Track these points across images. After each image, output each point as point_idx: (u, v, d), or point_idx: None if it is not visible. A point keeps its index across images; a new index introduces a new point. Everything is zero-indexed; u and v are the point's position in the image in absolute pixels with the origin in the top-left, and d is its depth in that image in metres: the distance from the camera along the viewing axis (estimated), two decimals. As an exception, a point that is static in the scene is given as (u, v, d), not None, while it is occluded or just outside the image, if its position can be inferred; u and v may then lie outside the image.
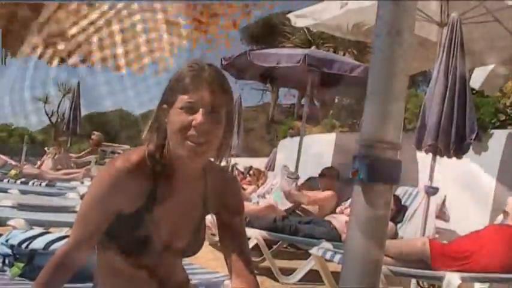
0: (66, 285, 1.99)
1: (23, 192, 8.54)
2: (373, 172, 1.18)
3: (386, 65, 1.19)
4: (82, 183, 10.79)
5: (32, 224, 4.72)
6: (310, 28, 12.07)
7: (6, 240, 3.48)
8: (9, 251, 3.41)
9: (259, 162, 13.66)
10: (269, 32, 22.46)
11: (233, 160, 12.77)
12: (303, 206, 7.19)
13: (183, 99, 1.88)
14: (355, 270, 1.21)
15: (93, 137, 13.67)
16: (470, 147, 5.85)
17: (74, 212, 5.71)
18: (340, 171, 7.68)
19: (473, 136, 5.57)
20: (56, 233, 3.87)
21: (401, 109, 1.20)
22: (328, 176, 7.58)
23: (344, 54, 14.27)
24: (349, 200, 7.49)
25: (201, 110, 1.86)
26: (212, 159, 2.07)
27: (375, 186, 1.18)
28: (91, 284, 2.13)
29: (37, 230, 3.67)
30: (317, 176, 7.97)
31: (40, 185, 10.35)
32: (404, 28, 1.20)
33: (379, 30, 1.22)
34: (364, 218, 1.17)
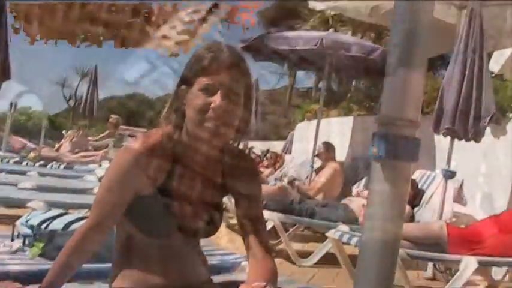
0: (85, 265, 2.01)
1: (42, 174, 8.64)
2: (393, 149, 1.17)
3: (406, 41, 1.19)
4: (100, 165, 10.87)
5: (50, 205, 4.76)
6: (327, 11, 12.03)
7: (27, 221, 3.52)
8: (29, 232, 3.45)
9: (276, 145, 13.67)
10: (287, 14, 22.37)
11: (250, 143, 12.81)
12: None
13: (201, 80, 1.89)
14: (373, 250, 1.21)
15: (110, 120, 13.71)
16: (489, 131, 5.82)
17: (92, 194, 5.77)
18: (359, 152, 7.72)
19: (488, 119, 5.52)
20: (75, 213, 3.91)
21: (421, 88, 1.19)
22: (325, 150, 7.71)
23: (362, 37, 14.17)
24: (363, 181, 7.53)
25: (219, 92, 1.87)
26: (231, 141, 2.07)
27: (394, 164, 1.18)
28: (110, 265, 2.14)
29: (56, 211, 3.70)
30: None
31: (58, 167, 10.46)
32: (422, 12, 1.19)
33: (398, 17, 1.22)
34: (384, 195, 1.17)
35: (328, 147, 7.89)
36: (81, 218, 3.45)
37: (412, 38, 1.17)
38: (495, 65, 9.58)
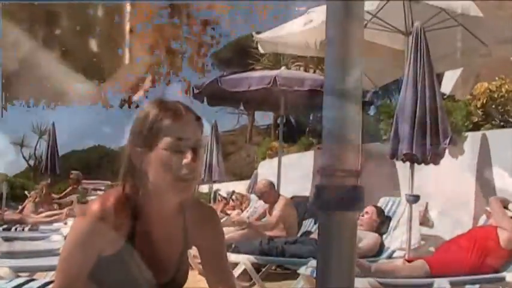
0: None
1: (6, 239, 8.45)
2: (334, 201, 1.19)
3: (339, 93, 1.21)
4: (65, 224, 10.69)
5: (17, 271, 4.66)
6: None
7: (-9, 292, 3.45)
8: (-5, 304, 3.37)
9: (241, 186, 13.65)
10: (239, 55, 22.54)
11: (215, 186, 12.78)
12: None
13: (167, 140, 1.90)
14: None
15: (71, 176, 13.58)
16: (446, 152, 5.90)
17: (58, 254, 5.67)
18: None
19: (448, 140, 5.62)
20: (41, 279, 3.84)
21: (358, 136, 1.21)
22: (269, 189, 7.65)
23: (314, 72, 14.32)
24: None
25: (190, 148, 1.90)
26: None
27: (337, 215, 1.20)
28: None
29: (22, 279, 3.62)
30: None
31: (23, 230, 10.24)
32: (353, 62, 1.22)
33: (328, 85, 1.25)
34: (331, 243, 1.19)
35: (273, 186, 7.80)
36: (48, 283, 3.38)
37: (344, 93, 1.20)
38: (446, 86, 9.78)
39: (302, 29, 8.16)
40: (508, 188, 6.04)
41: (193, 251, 2.30)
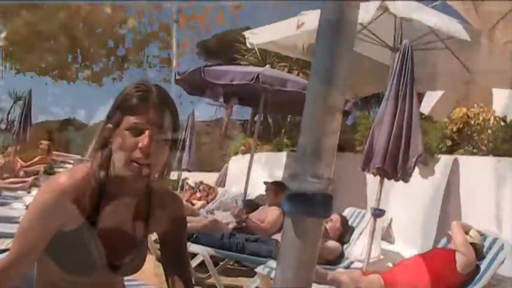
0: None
1: (-33, 200, 8.36)
2: (303, 207, 1.19)
3: (320, 101, 1.21)
4: (29, 193, 10.58)
5: (-28, 233, 4.61)
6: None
7: None
8: None
9: (210, 177, 13.64)
10: (225, 48, 22.50)
11: (184, 174, 12.74)
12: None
13: (129, 120, 1.88)
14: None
15: (41, 146, 13.44)
16: (417, 171, 5.94)
17: (18, 222, 5.61)
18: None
19: (415, 159, 5.64)
20: (-4, 244, 3.80)
21: (335, 144, 1.21)
22: (274, 190, 7.59)
23: (298, 74, 14.35)
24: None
25: (147, 132, 1.86)
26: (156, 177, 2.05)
27: (304, 221, 1.20)
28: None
29: (-24, 242, 3.59)
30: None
31: (-15, 193, 10.12)
32: (338, 68, 1.21)
33: (314, 68, 1.24)
34: (295, 249, 1.19)
35: (279, 190, 7.66)
36: (4, 250, 3.35)
37: (325, 101, 1.20)
38: (425, 106, 9.86)
39: (293, 31, 8.16)
40: (473, 214, 6.11)
41: (153, 236, 2.30)
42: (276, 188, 7.57)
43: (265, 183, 7.87)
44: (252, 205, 8.17)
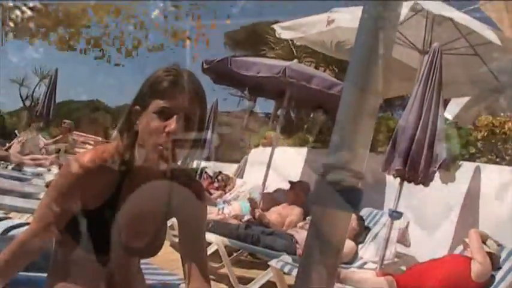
0: (21, 273, 1.98)
1: (-11, 172, 8.44)
2: (334, 199, 1.19)
3: (357, 95, 1.21)
4: (49, 170, 10.67)
5: (-8, 204, 4.67)
6: (294, 41, 12.14)
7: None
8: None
9: (229, 168, 13.65)
10: (253, 40, 22.47)
11: (203, 163, 12.76)
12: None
13: (158, 103, 1.87)
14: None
15: (64, 125, 13.53)
16: (438, 176, 5.90)
17: (38, 199, 5.66)
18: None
19: (438, 164, 5.61)
20: (16, 219, 3.84)
21: (369, 137, 1.21)
22: (297, 190, 7.58)
23: (325, 71, 14.28)
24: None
25: (175, 116, 1.86)
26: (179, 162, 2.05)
27: (333, 212, 1.20)
28: (45, 274, 2.11)
29: (-3, 214, 3.63)
30: (284, 188, 8.01)
31: (6, 167, 10.22)
32: (377, 64, 1.21)
33: (354, 60, 1.24)
34: (321, 241, 1.18)
35: (302, 190, 7.74)
36: (22, 224, 3.39)
37: (367, 78, 1.19)
38: (451, 112, 9.77)
39: (323, 26, 8.12)
40: (491, 224, 6.05)
41: (169, 222, 2.30)
42: (299, 187, 7.58)
43: (290, 182, 7.86)
44: (269, 199, 8.16)
